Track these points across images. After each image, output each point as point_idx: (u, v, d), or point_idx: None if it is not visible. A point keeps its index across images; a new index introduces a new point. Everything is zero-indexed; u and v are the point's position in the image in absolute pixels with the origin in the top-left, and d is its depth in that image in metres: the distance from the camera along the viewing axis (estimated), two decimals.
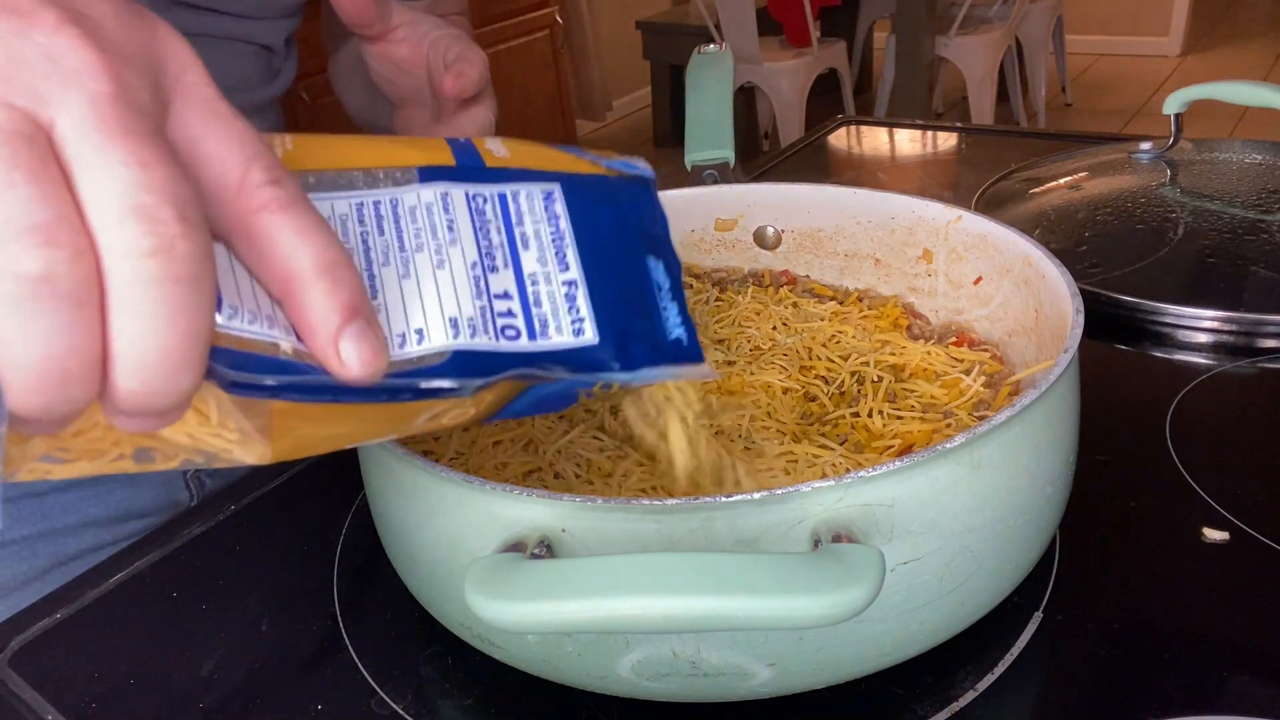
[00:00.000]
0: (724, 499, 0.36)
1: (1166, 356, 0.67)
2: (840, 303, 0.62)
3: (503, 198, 0.34)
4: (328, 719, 0.45)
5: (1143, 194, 0.85)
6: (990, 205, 0.87)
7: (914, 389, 0.52)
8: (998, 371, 0.54)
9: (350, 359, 0.26)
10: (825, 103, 3.61)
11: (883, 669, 0.41)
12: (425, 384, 0.30)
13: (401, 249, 0.31)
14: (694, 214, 0.67)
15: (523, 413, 0.35)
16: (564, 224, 0.34)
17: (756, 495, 0.35)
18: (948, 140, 1.13)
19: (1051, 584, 0.48)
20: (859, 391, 0.53)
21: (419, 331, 0.30)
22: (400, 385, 0.30)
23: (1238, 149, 0.92)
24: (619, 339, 0.34)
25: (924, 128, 1.18)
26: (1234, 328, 0.67)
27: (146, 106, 0.24)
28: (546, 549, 0.36)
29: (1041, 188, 0.90)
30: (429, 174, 0.33)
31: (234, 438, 0.28)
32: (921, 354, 0.55)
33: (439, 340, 0.30)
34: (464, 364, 0.30)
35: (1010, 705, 0.42)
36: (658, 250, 0.37)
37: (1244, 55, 4.45)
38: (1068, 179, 0.90)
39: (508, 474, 0.47)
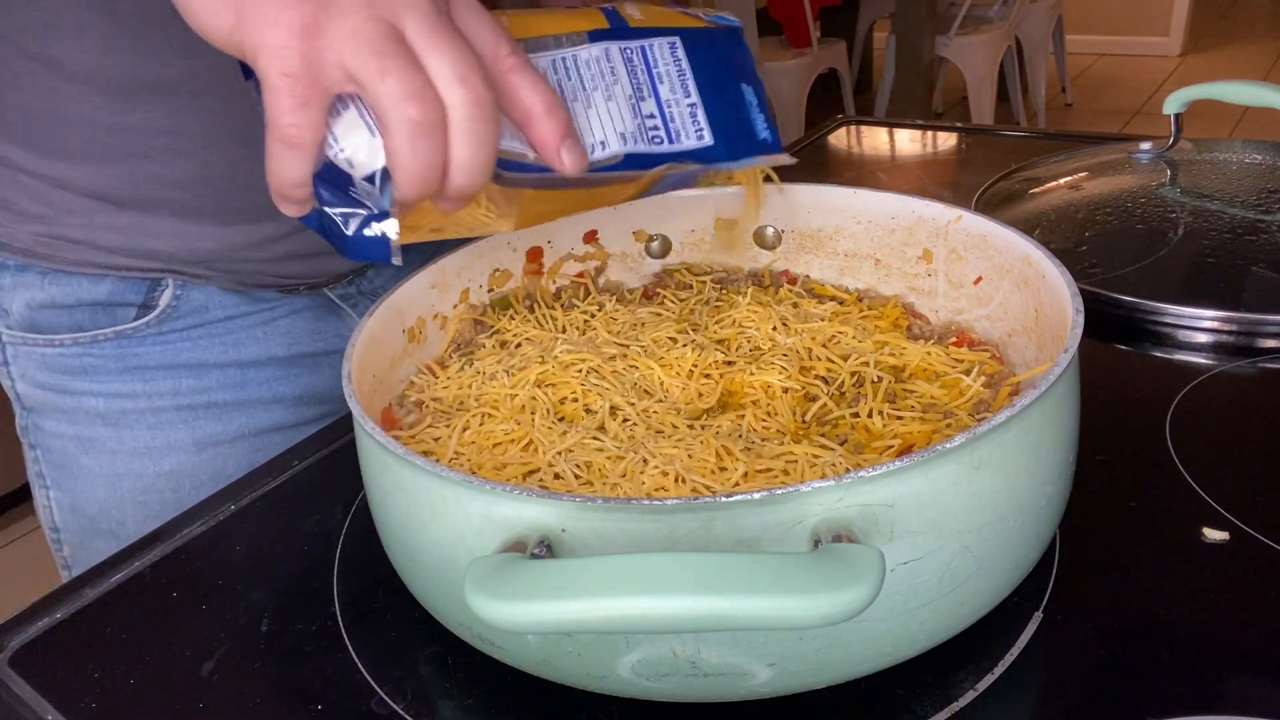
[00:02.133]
0: (724, 499, 0.36)
1: (1166, 356, 0.67)
2: (840, 303, 0.62)
3: (643, 49, 0.49)
4: (328, 719, 0.45)
5: (1143, 194, 0.85)
6: (990, 205, 0.87)
7: (914, 389, 0.52)
8: (997, 372, 0.54)
9: (567, 160, 0.42)
10: (825, 103, 3.61)
11: (883, 669, 0.41)
12: (611, 174, 0.47)
13: (584, 89, 0.47)
14: (694, 213, 0.67)
15: (660, 191, 0.51)
16: (685, 65, 0.50)
17: (756, 495, 0.35)
18: (948, 140, 1.13)
19: (1051, 584, 0.48)
20: (859, 392, 0.53)
21: (602, 143, 0.47)
22: (596, 176, 0.46)
23: (1238, 149, 0.92)
24: (727, 140, 0.50)
25: (924, 128, 1.18)
26: (1234, 328, 0.67)
27: (446, 12, 0.38)
28: (546, 549, 0.37)
29: (1041, 188, 0.90)
30: (594, 36, 0.48)
31: (493, 216, 0.45)
32: (921, 354, 0.55)
33: (615, 147, 0.47)
34: (632, 161, 0.47)
35: (1010, 705, 0.42)
36: (747, 79, 0.53)
37: (1244, 55, 4.45)
38: (1068, 179, 0.90)
39: (507, 474, 0.47)
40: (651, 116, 0.48)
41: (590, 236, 0.66)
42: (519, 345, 0.60)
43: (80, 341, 0.66)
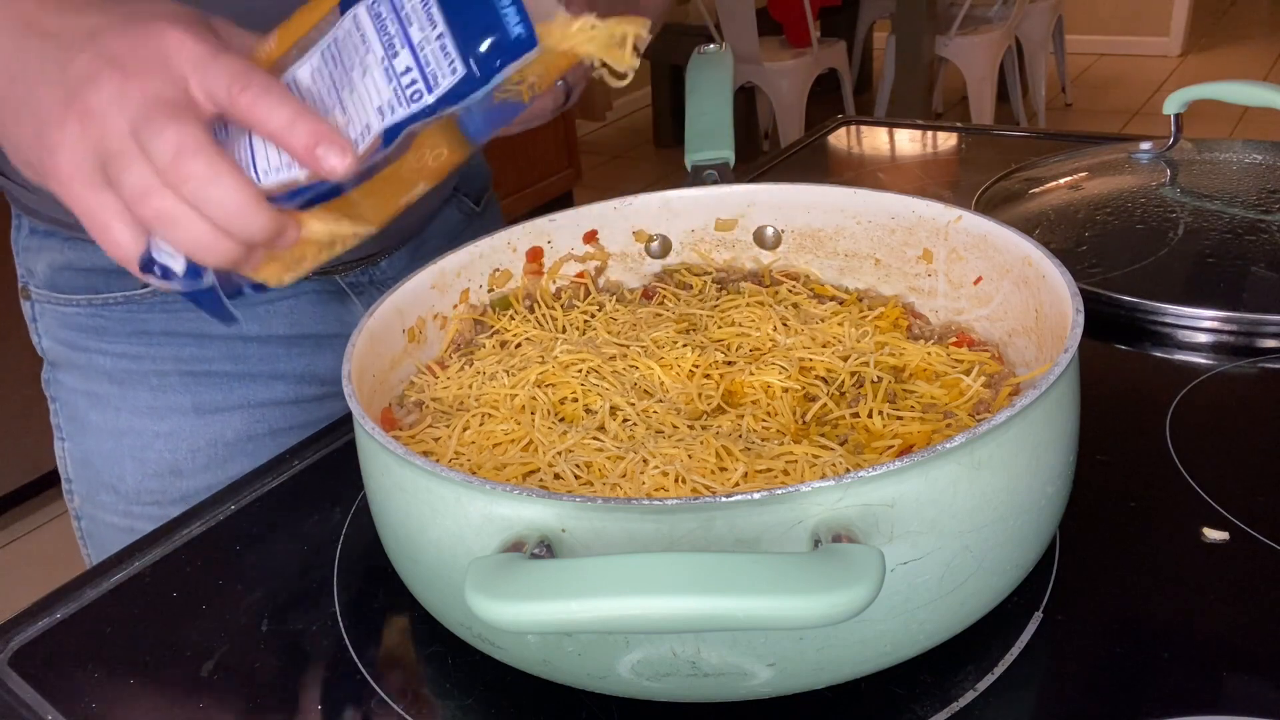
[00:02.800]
0: (724, 499, 0.36)
1: (1166, 356, 0.67)
2: (840, 303, 0.62)
3: None
4: (328, 719, 0.45)
5: (1143, 194, 0.85)
6: (990, 205, 0.87)
7: (914, 390, 0.52)
8: (998, 372, 0.54)
9: (330, 164, 0.40)
10: (825, 103, 3.61)
11: (883, 669, 0.41)
12: (382, 154, 0.43)
13: (347, 73, 0.43)
14: (694, 214, 0.67)
15: (481, 134, 0.46)
16: None
17: (757, 495, 0.35)
18: (948, 140, 1.13)
19: (1051, 584, 0.48)
20: (859, 392, 0.53)
21: (366, 126, 0.42)
22: (372, 163, 0.43)
23: (1238, 149, 0.91)
24: (477, 60, 0.43)
25: (924, 128, 1.18)
26: (1234, 328, 0.67)
27: (164, 92, 0.39)
28: (546, 549, 0.36)
29: (1041, 188, 0.90)
30: (343, 6, 0.44)
31: (346, 227, 0.44)
32: (921, 354, 0.55)
33: (375, 126, 0.42)
34: (393, 132, 0.42)
35: (1010, 705, 0.42)
36: None
37: (1244, 55, 4.45)
38: (1068, 179, 0.90)
39: (507, 475, 0.47)
40: (408, 71, 0.43)
41: (590, 236, 0.66)
42: (519, 345, 0.60)
43: (94, 303, 0.70)
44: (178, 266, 0.42)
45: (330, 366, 0.77)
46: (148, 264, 0.42)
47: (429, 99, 0.42)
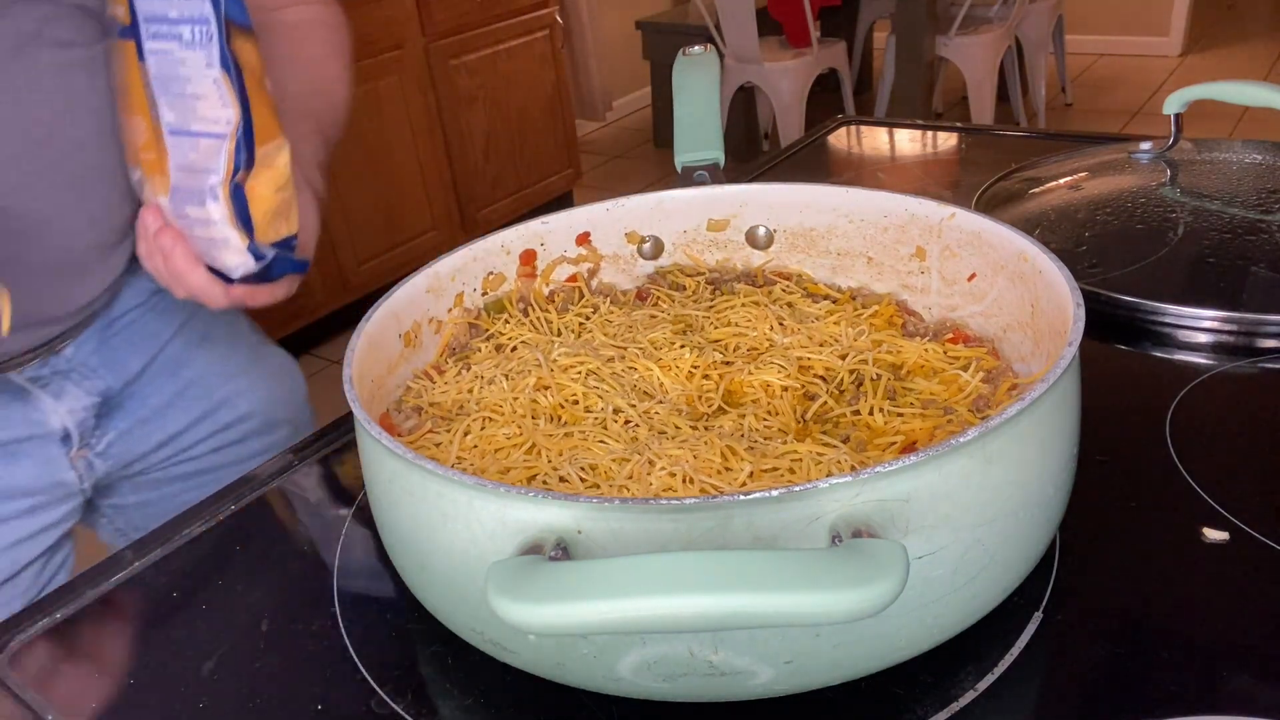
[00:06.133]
0: (743, 496, 0.35)
1: (1166, 356, 0.67)
2: (834, 302, 0.62)
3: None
4: (328, 719, 0.45)
5: (1143, 194, 0.85)
6: (990, 205, 0.87)
7: (913, 386, 0.52)
8: (994, 367, 0.54)
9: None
10: (825, 103, 3.61)
11: (893, 665, 0.41)
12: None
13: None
14: (687, 215, 0.66)
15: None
16: None
17: (775, 492, 0.35)
18: (948, 140, 1.13)
19: (1051, 584, 0.48)
20: (858, 390, 0.53)
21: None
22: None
23: (1238, 149, 0.91)
24: None
25: (924, 128, 1.18)
26: (1234, 328, 0.67)
27: None
28: (563, 551, 0.36)
29: (1041, 188, 0.90)
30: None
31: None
32: (918, 351, 0.55)
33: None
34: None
35: (1010, 705, 0.42)
36: None
37: (1244, 55, 4.44)
38: (1068, 179, 0.90)
39: (511, 479, 0.47)
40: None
41: (583, 238, 0.66)
42: (514, 349, 0.59)
43: None
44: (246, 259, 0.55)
45: (32, 476, 0.69)
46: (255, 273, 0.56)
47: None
